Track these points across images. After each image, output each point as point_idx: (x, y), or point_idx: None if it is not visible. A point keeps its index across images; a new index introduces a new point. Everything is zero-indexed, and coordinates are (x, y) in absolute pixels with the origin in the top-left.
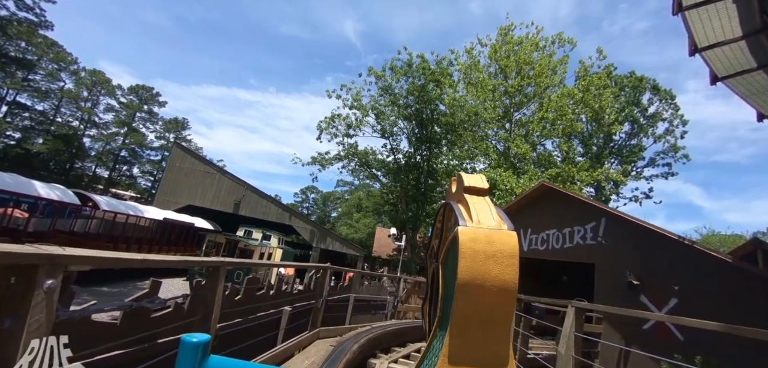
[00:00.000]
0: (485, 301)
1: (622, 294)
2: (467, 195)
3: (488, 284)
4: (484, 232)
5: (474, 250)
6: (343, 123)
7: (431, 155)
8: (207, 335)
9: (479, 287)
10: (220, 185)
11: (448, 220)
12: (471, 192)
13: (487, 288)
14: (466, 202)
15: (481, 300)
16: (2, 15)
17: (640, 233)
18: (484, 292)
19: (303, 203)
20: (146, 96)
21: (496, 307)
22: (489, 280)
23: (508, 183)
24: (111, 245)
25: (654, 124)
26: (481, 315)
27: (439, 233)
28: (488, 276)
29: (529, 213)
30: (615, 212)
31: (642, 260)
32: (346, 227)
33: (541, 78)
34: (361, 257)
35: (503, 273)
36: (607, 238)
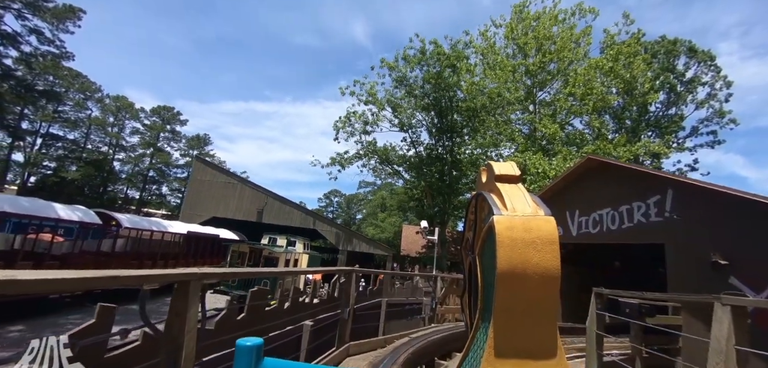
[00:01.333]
0: (527, 290)
1: (705, 277)
2: (499, 184)
3: (529, 272)
4: (521, 219)
5: (512, 238)
6: (360, 121)
7: (453, 145)
8: (260, 339)
9: (520, 276)
10: (242, 195)
11: (481, 211)
12: (503, 180)
13: (529, 277)
14: (498, 191)
15: (522, 289)
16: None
17: (725, 203)
18: (525, 281)
19: (327, 208)
20: (168, 116)
21: (539, 296)
22: (530, 268)
23: (539, 166)
24: (136, 262)
25: (693, 90)
26: (525, 305)
27: (473, 224)
28: (529, 265)
29: (574, 193)
30: (687, 181)
31: (729, 235)
32: (371, 227)
33: (563, 53)
34: (390, 256)
35: (544, 260)
36: (678, 212)
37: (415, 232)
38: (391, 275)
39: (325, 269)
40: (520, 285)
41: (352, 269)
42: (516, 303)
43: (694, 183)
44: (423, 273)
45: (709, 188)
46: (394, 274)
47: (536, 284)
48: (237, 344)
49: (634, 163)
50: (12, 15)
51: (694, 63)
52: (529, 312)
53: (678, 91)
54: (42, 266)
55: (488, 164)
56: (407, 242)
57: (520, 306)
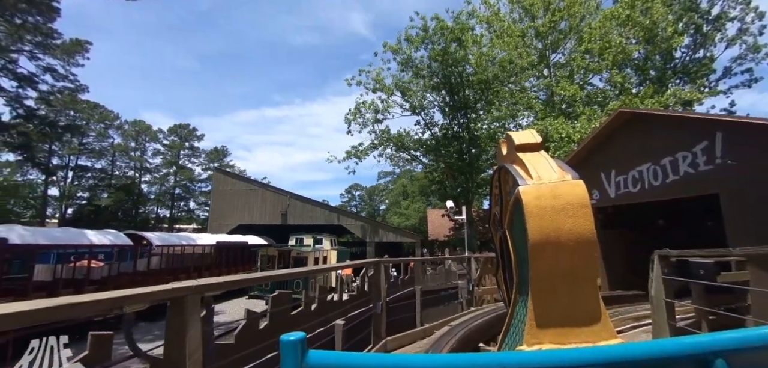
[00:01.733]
0: (563, 257)
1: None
2: (521, 154)
3: (563, 239)
4: (548, 186)
5: (540, 207)
6: (370, 110)
7: (469, 121)
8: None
9: (554, 244)
10: (265, 200)
11: (505, 184)
12: (524, 150)
13: (563, 243)
14: (520, 161)
15: (557, 257)
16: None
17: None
18: (559, 248)
19: (350, 202)
20: (185, 133)
21: (576, 262)
22: (563, 235)
23: (562, 131)
24: (171, 277)
25: (721, 27)
26: (562, 272)
27: (498, 199)
28: (561, 231)
29: (609, 152)
30: (738, 120)
31: None
32: (396, 216)
33: (573, 8)
34: (418, 243)
35: (577, 225)
36: (731, 156)
37: (441, 215)
38: (421, 261)
39: (350, 263)
40: (555, 253)
41: (378, 260)
42: (552, 272)
43: (747, 121)
44: (454, 256)
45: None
46: (424, 260)
47: (572, 250)
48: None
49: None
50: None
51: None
52: (567, 280)
53: (704, 31)
54: (82, 291)
55: (507, 136)
56: (433, 226)
57: (557, 275)
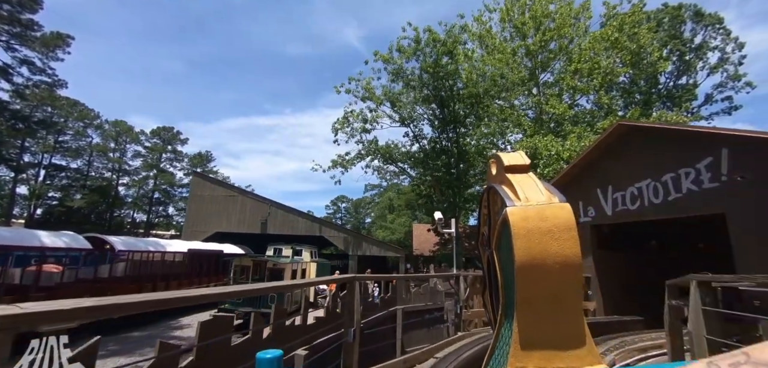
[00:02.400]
0: (549, 280)
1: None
2: (509, 174)
3: (549, 262)
4: (535, 208)
5: (527, 229)
6: (358, 120)
7: (458, 136)
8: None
9: (539, 267)
10: (244, 207)
11: (493, 204)
12: (513, 171)
13: (549, 267)
14: (509, 182)
15: (543, 279)
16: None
17: None
18: (545, 271)
19: (335, 214)
20: (168, 136)
21: (561, 285)
22: (549, 258)
23: (551, 148)
24: (135, 287)
25: (703, 56)
26: (547, 296)
27: (487, 219)
28: (548, 254)
29: (606, 167)
30: (746, 135)
31: None
32: (381, 230)
33: (563, 29)
34: (402, 257)
35: (563, 248)
36: (743, 172)
37: (427, 230)
38: (404, 278)
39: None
40: (541, 275)
41: (353, 277)
42: (538, 295)
43: (755, 136)
44: (441, 274)
45: None
46: (407, 278)
47: (557, 273)
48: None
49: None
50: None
51: (701, 28)
52: (552, 303)
53: (687, 59)
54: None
55: (497, 156)
56: (419, 241)
57: (542, 297)
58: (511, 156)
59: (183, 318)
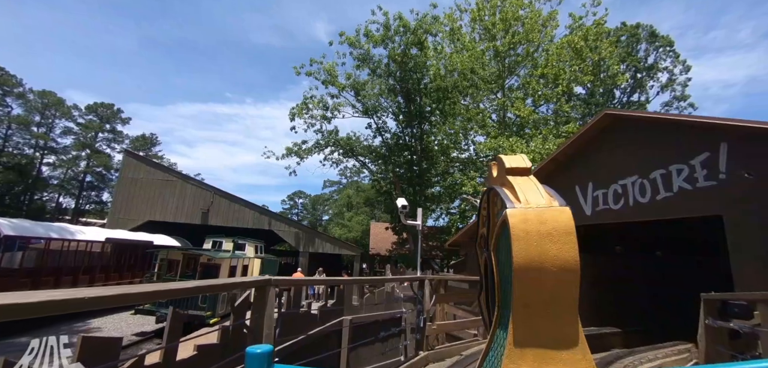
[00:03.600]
0: (546, 283)
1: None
2: (510, 177)
3: (547, 265)
4: (535, 211)
5: (526, 231)
6: (319, 106)
7: (422, 132)
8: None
9: (537, 269)
10: (184, 194)
11: (493, 205)
12: (514, 173)
13: (546, 270)
14: (510, 184)
15: (541, 282)
16: None
17: None
18: (543, 275)
19: (291, 210)
20: (107, 114)
21: (559, 288)
22: (547, 261)
23: (516, 150)
24: (28, 281)
25: (654, 75)
26: (544, 299)
27: (486, 220)
28: (546, 258)
29: (587, 161)
30: (752, 126)
31: None
32: (338, 227)
33: (532, 35)
34: (358, 256)
35: (561, 252)
36: (742, 170)
37: (385, 228)
38: (354, 282)
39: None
40: (538, 278)
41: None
42: (535, 297)
43: (759, 127)
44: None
45: None
46: (359, 281)
47: (555, 276)
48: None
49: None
50: None
51: (653, 49)
52: (549, 306)
53: (639, 77)
54: None
55: (498, 158)
56: (376, 240)
57: (539, 300)
58: (513, 159)
59: (95, 319)
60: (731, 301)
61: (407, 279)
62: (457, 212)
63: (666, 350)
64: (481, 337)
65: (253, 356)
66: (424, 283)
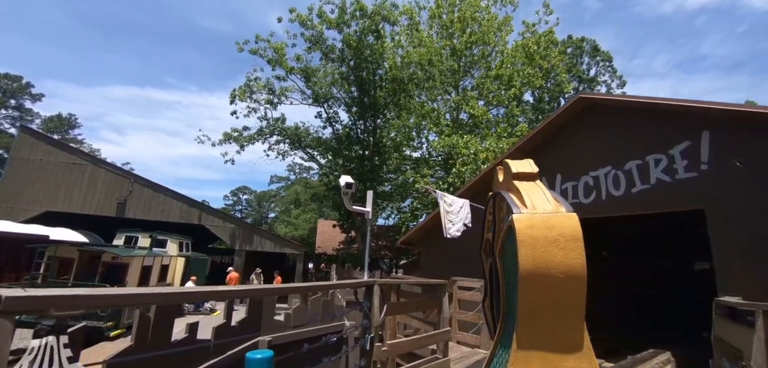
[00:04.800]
0: (552, 290)
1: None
2: (517, 182)
3: (553, 271)
4: (541, 217)
5: (533, 237)
6: (264, 90)
7: (376, 127)
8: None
9: (544, 275)
10: (95, 181)
11: (499, 211)
12: (520, 178)
13: (553, 276)
14: (516, 189)
15: (547, 287)
16: None
17: None
18: (549, 280)
19: (235, 206)
20: (12, 88)
21: (565, 294)
22: (554, 267)
23: (471, 147)
24: None
25: (593, 88)
26: (550, 304)
27: (492, 225)
28: (552, 263)
29: (555, 151)
30: (733, 110)
31: None
32: (283, 225)
33: (488, 36)
34: (302, 255)
35: (568, 258)
36: (728, 159)
37: (332, 226)
38: (276, 291)
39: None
40: (545, 283)
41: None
42: (541, 302)
43: (745, 110)
44: (347, 282)
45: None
46: (282, 290)
47: (561, 282)
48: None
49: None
50: None
51: (594, 63)
52: (555, 311)
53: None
54: None
55: (504, 163)
56: (323, 238)
57: (545, 306)
58: (520, 164)
59: None
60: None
61: (349, 285)
62: (408, 211)
63: (653, 363)
64: (440, 354)
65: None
66: (372, 290)
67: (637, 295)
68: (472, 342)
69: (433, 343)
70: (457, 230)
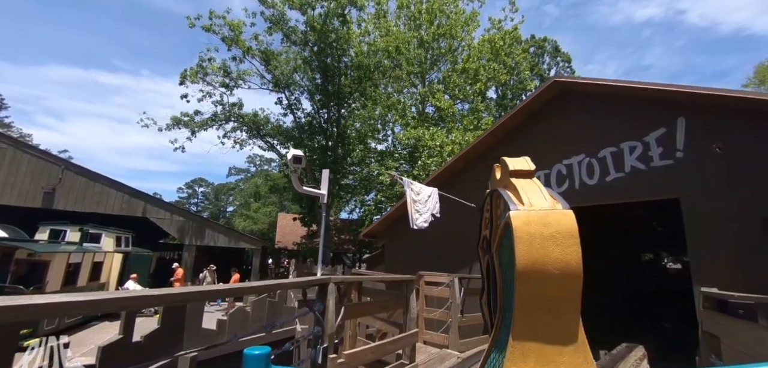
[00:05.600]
0: (549, 285)
1: (756, 241)
2: (514, 179)
3: (549, 268)
4: (538, 214)
5: (529, 233)
6: (219, 72)
7: (340, 116)
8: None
9: (540, 271)
10: (16, 167)
11: (496, 208)
12: (517, 176)
13: (549, 272)
14: (513, 186)
15: (543, 284)
16: None
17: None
18: (546, 277)
19: (189, 199)
20: None
21: (561, 291)
22: (550, 264)
23: (437, 139)
24: None
25: None
26: (546, 300)
27: (489, 222)
28: (549, 260)
29: (527, 137)
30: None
31: None
32: (242, 219)
33: (455, 30)
34: (258, 250)
35: (564, 255)
36: (718, 142)
37: (293, 219)
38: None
39: None
40: (541, 280)
41: None
42: (537, 299)
43: (723, 95)
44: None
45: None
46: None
47: (558, 279)
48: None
49: None
50: None
51: (554, 63)
52: (551, 308)
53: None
54: None
55: (502, 160)
56: (283, 232)
57: (541, 302)
58: (517, 161)
59: None
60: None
61: (298, 284)
62: (372, 203)
63: (630, 360)
64: (407, 360)
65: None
66: (326, 289)
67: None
68: (440, 342)
69: (400, 348)
70: (424, 221)
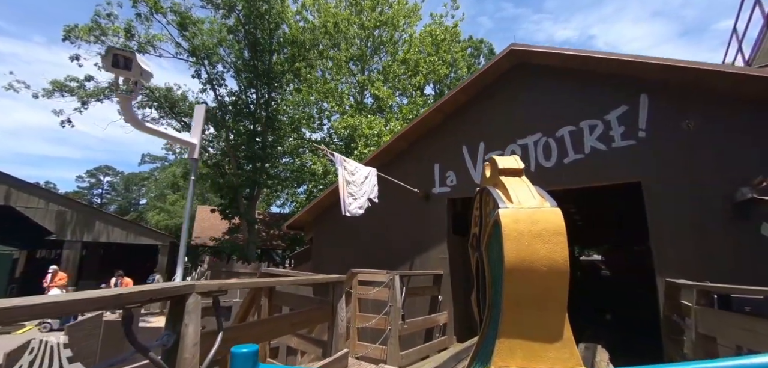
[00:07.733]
0: (536, 282)
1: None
2: (503, 177)
3: (537, 265)
4: (526, 211)
5: (518, 231)
6: (121, 33)
7: (270, 99)
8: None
9: (528, 268)
10: None
11: (486, 205)
12: (507, 174)
13: (537, 269)
14: (502, 184)
15: (531, 281)
16: None
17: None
18: (533, 273)
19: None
20: None
21: (548, 288)
22: (538, 261)
23: (375, 128)
24: None
25: None
26: (534, 297)
27: (478, 220)
28: (536, 257)
29: (478, 115)
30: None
31: None
32: (156, 213)
33: (397, 19)
34: (165, 247)
35: (552, 252)
36: (688, 120)
37: (211, 210)
38: None
39: None
40: (529, 277)
41: None
42: (525, 296)
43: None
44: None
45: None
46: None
47: (545, 276)
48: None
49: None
50: None
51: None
52: (538, 305)
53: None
54: None
55: (492, 159)
56: (202, 226)
57: (529, 298)
58: (506, 160)
59: None
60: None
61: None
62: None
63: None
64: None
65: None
66: (183, 307)
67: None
68: (377, 356)
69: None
70: (359, 207)
